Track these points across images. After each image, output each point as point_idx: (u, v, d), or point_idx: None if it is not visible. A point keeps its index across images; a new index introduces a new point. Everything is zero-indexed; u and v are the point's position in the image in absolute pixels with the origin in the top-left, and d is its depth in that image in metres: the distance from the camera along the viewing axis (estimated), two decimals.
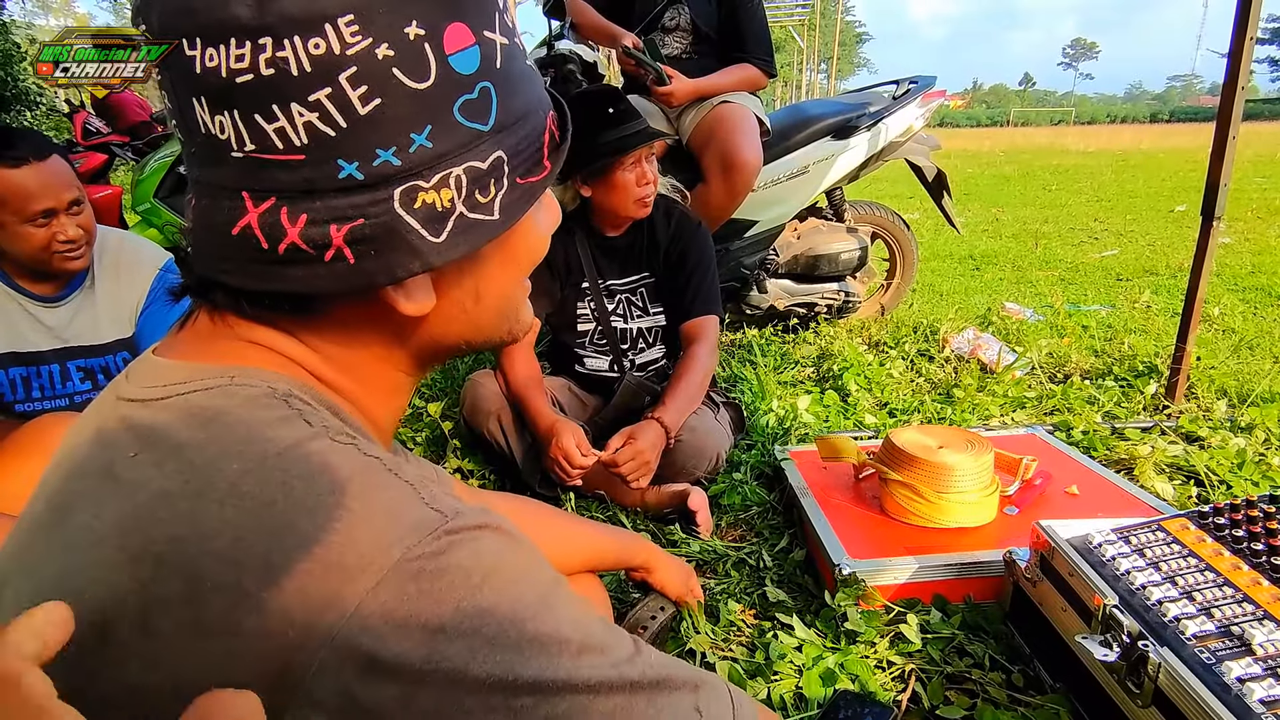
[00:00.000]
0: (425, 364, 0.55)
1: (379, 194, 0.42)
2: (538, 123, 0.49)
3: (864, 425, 2.04)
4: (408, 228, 0.43)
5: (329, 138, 0.41)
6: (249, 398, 0.42)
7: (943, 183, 2.95)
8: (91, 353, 1.53)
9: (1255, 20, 1.71)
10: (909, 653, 1.14)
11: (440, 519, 0.38)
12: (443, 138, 0.43)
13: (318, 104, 0.40)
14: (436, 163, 0.43)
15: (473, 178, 0.45)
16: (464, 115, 0.44)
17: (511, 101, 0.47)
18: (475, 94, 0.44)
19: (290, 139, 0.41)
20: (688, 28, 2.49)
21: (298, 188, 0.42)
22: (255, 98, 0.40)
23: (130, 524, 0.38)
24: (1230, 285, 3.67)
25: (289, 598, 0.35)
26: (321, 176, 0.42)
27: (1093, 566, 1.00)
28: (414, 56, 0.41)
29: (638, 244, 1.83)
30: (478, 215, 0.46)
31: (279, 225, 0.42)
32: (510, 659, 0.36)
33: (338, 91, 0.40)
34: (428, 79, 0.42)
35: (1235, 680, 0.79)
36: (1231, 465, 1.66)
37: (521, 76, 0.48)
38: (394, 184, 0.42)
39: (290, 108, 0.40)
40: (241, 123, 0.41)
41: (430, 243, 0.44)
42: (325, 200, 0.42)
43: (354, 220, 0.42)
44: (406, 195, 0.43)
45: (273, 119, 0.40)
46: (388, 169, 0.42)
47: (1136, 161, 12.41)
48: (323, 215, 0.42)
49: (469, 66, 0.43)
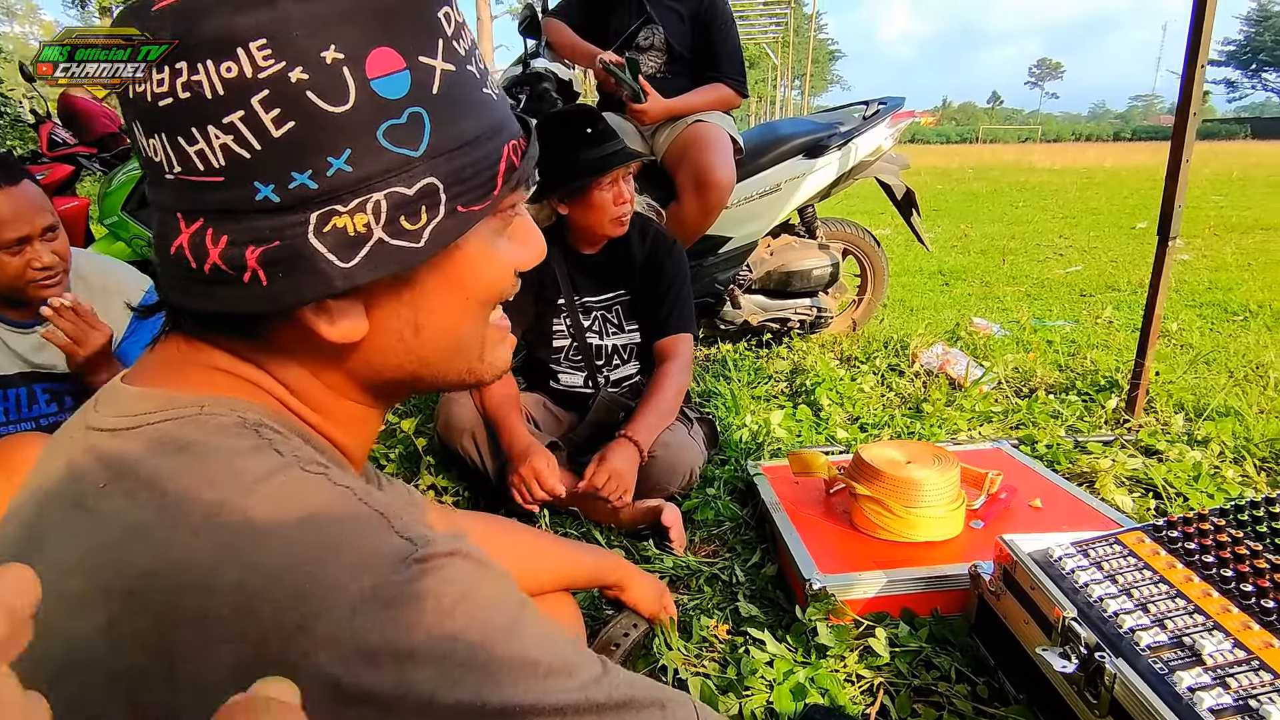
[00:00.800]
0: (379, 395, 0.54)
1: (295, 217, 0.43)
2: (489, 150, 0.48)
3: (836, 440, 2.07)
4: (314, 251, 0.43)
5: (244, 160, 0.41)
6: (220, 427, 0.43)
7: (911, 201, 3.02)
8: (60, 379, 1.50)
9: (1205, 50, 1.78)
10: (878, 666, 1.16)
11: (410, 547, 0.39)
12: (365, 162, 0.43)
13: (232, 126, 0.41)
14: (357, 187, 0.43)
15: (396, 204, 0.44)
16: (390, 140, 0.43)
17: (451, 128, 0.46)
18: (403, 119, 0.44)
19: (209, 161, 0.42)
20: (662, 47, 2.52)
21: (220, 209, 0.43)
22: (176, 121, 0.41)
23: (100, 557, 0.39)
24: (1189, 301, 3.79)
25: (261, 627, 0.35)
26: (239, 198, 0.42)
27: (1053, 580, 1.02)
28: (331, 80, 0.41)
29: (613, 261, 1.84)
30: (401, 242, 0.45)
31: (203, 246, 0.43)
32: (479, 684, 0.37)
33: (251, 114, 0.40)
34: (346, 103, 0.42)
35: (1186, 690, 0.81)
36: (1188, 478, 1.71)
37: (469, 103, 0.47)
38: (311, 207, 0.43)
39: (207, 130, 0.41)
40: (169, 145, 0.42)
41: (338, 267, 0.44)
42: (245, 222, 0.43)
43: (271, 242, 0.43)
44: (322, 219, 0.43)
45: (193, 141, 0.41)
46: (304, 192, 0.42)
47: (1100, 179, 12.74)
48: (241, 237, 0.43)
49: (396, 91, 0.43)
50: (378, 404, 0.54)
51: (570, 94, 2.50)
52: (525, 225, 0.56)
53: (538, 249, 0.56)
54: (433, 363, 0.52)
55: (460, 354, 0.53)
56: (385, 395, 0.54)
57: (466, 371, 0.54)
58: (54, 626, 0.38)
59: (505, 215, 0.52)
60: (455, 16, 0.47)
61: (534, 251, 0.56)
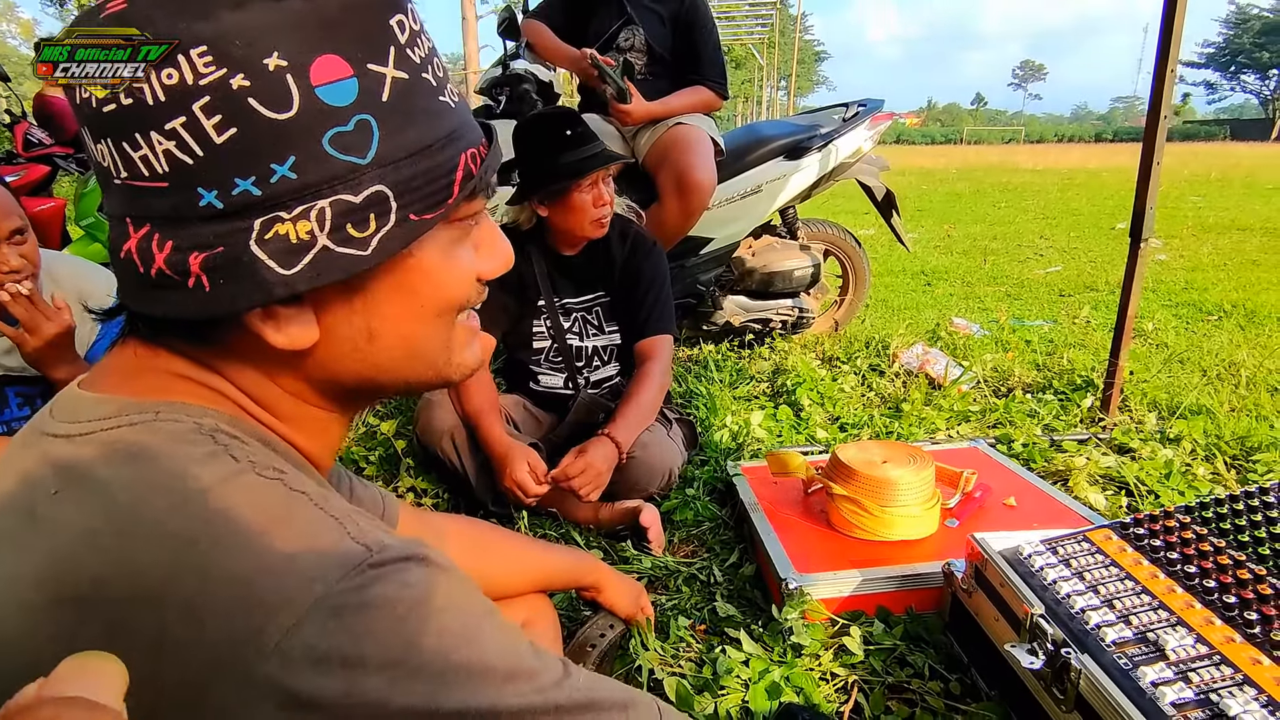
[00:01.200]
0: (341, 401, 0.54)
1: (238, 223, 0.42)
2: (445, 158, 0.47)
3: (816, 440, 2.08)
4: (254, 258, 0.43)
5: (187, 166, 0.41)
6: (174, 433, 0.43)
7: (892, 202, 3.04)
8: (32, 381, 1.48)
9: (1175, 57, 1.81)
10: (852, 664, 1.17)
11: (365, 553, 0.39)
12: (309, 169, 0.43)
13: (174, 132, 0.41)
14: (302, 194, 0.43)
15: (342, 211, 0.44)
16: (336, 148, 0.43)
17: (402, 136, 0.45)
18: (350, 126, 0.43)
19: (154, 166, 0.42)
20: (642, 49, 2.53)
21: (165, 215, 0.43)
22: (120, 126, 0.42)
23: (51, 566, 0.39)
24: (1165, 301, 3.84)
25: (211, 635, 0.35)
26: (184, 204, 0.42)
27: (1022, 577, 1.04)
28: (273, 87, 0.41)
29: (593, 263, 1.85)
30: (347, 250, 0.44)
31: (149, 251, 0.43)
32: (433, 690, 0.37)
33: (192, 120, 0.40)
34: (289, 109, 0.41)
35: (1149, 684, 0.83)
36: (1160, 476, 1.74)
37: (423, 111, 0.47)
38: (254, 214, 0.42)
39: (150, 136, 0.41)
40: (114, 151, 0.42)
41: (278, 274, 0.43)
42: (189, 228, 0.43)
43: (214, 248, 0.42)
44: (265, 225, 0.43)
45: (137, 147, 0.42)
46: (248, 198, 0.42)
47: (1081, 180, 12.89)
48: (186, 242, 0.43)
49: (343, 99, 0.43)
50: (341, 409, 0.54)
51: (550, 95, 2.50)
52: (489, 233, 0.55)
53: (503, 258, 0.55)
54: (390, 369, 0.51)
55: (420, 360, 0.52)
56: (347, 401, 0.54)
57: (433, 375, 0.54)
58: (10, 638, 0.38)
59: (464, 224, 0.51)
60: (410, 24, 0.47)
61: (499, 261, 0.55)
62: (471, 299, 0.54)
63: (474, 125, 0.52)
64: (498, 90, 2.49)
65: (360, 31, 0.44)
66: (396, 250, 0.46)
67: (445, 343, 0.53)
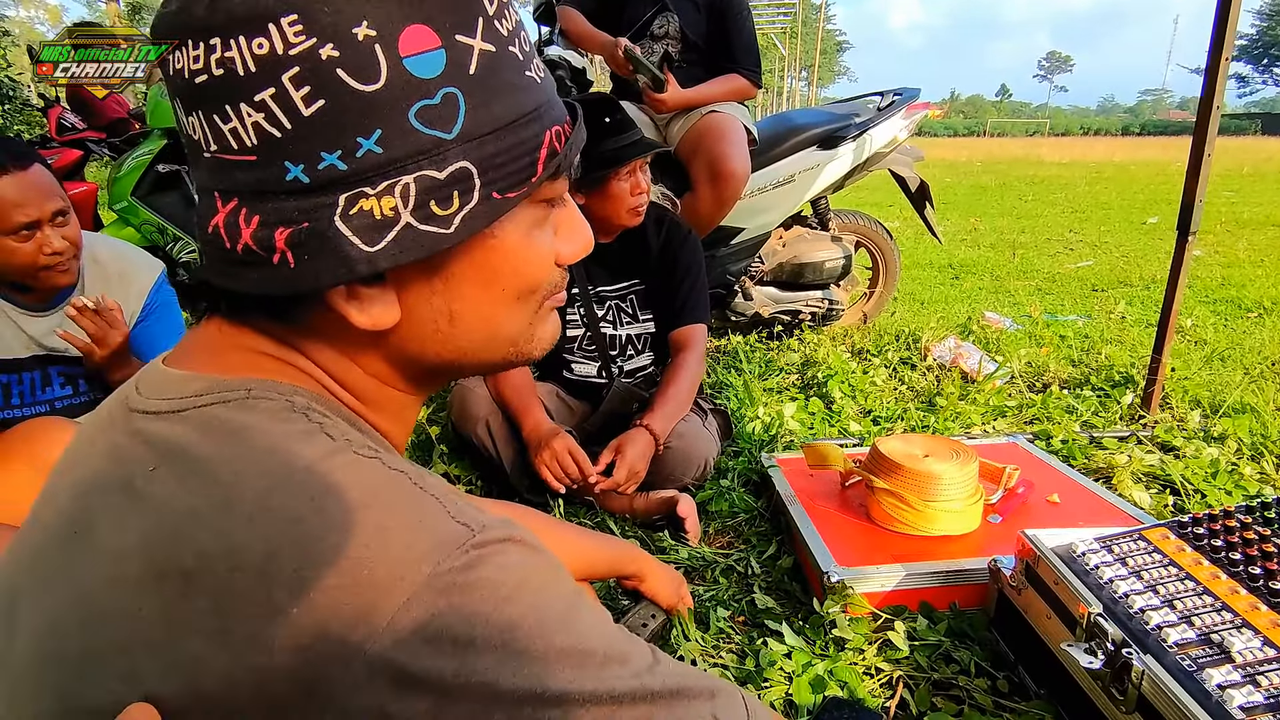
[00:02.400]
0: (420, 382, 0.53)
1: (324, 198, 0.41)
2: (529, 135, 0.46)
3: (849, 433, 2.06)
4: (339, 234, 0.42)
5: (275, 139, 0.40)
6: (269, 411, 0.42)
7: (925, 193, 3.00)
8: (74, 362, 1.50)
9: (1231, 41, 1.76)
10: (896, 659, 1.15)
11: (468, 533, 0.38)
12: (395, 143, 0.41)
13: (263, 104, 0.40)
14: (386, 169, 0.42)
15: (426, 187, 0.42)
16: (421, 121, 0.42)
17: (488, 110, 0.44)
18: (437, 99, 0.42)
19: (243, 139, 0.41)
20: (676, 36, 2.50)
21: (253, 189, 0.42)
22: (211, 98, 0.41)
23: (155, 541, 0.38)
24: (1201, 297, 3.76)
25: (320, 613, 0.35)
26: (271, 178, 0.41)
27: (1077, 575, 1.02)
28: (362, 58, 0.40)
29: (629, 251, 1.83)
30: (430, 227, 0.43)
31: (236, 226, 0.43)
32: (539, 671, 0.37)
33: (281, 92, 0.40)
34: (377, 81, 0.40)
35: (1216, 687, 0.81)
36: (1206, 474, 1.70)
37: (509, 85, 0.45)
38: (339, 189, 0.41)
39: (240, 108, 0.40)
40: (205, 124, 0.42)
41: (361, 251, 0.42)
42: (276, 202, 0.42)
43: (299, 224, 0.42)
44: (350, 201, 0.42)
45: (227, 119, 0.41)
46: (333, 173, 0.41)
47: (1110, 174, 12.67)
48: (272, 217, 0.42)
49: (430, 70, 0.42)
50: (419, 391, 0.53)
51: (584, 82, 2.49)
52: (571, 216, 0.53)
53: (584, 241, 0.54)
54: (470, 351, 0.51)
55: (501, 342, 0.52)
56: (426, 382, 0.53)
57: (514, 354, 0.53)
58: (113, 610, 0.38)
59: (546, 204, 0.50)
60: None
61: (580, 244, 0.53)
62: (553, 283, 0.52)
63: (558, 102, 0.51)
64: None
65: (449, 1, 0.42)
66: (479, 229, 0.45)
67: (527, 325, 0.52)
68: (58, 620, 0.40)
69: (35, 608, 0.41)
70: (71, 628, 0.39)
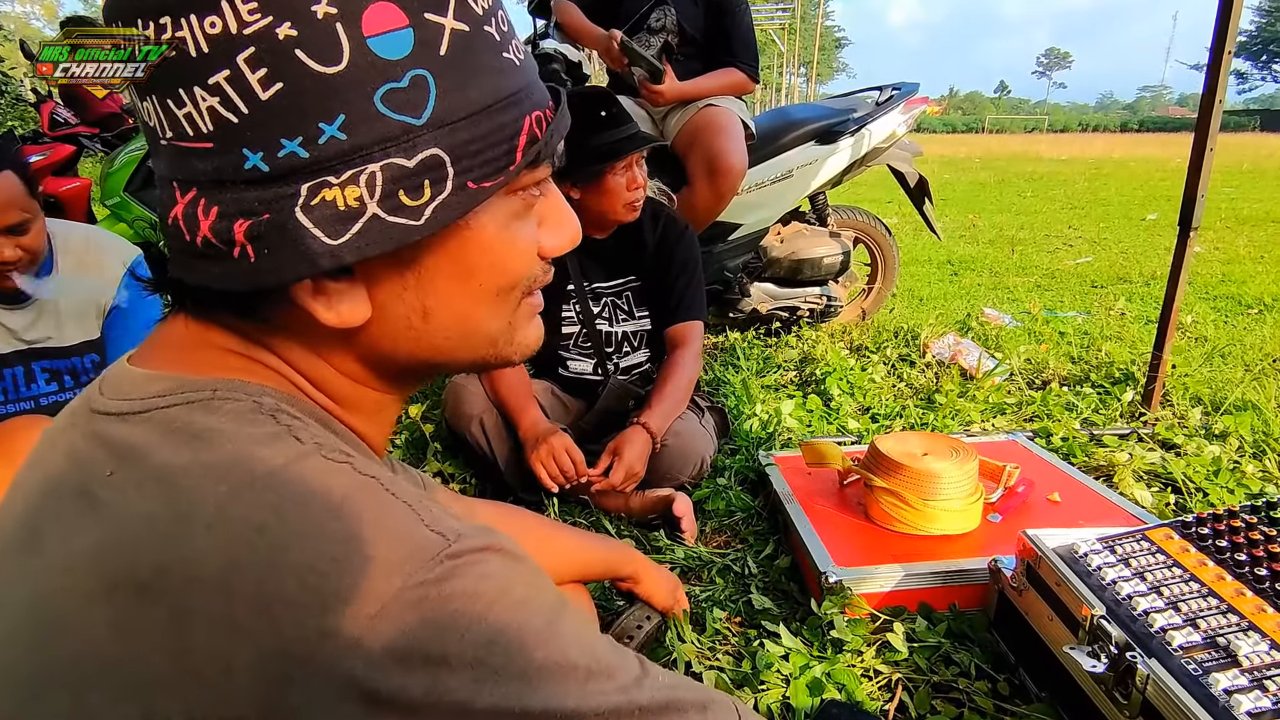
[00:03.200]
0: (397, 382, 0.50)
1: (284, 188, 0.39)
2: (507, 120, 0.43)
3: (847, 430, 2.04)
4: (299, 226, 0.39)
5: (232, 125, 0.38)
6: (234, 413, 0.40)
7: (924, 189, 2.98)
8: (57, 355, 1.47)
9: (1234, 35, 1.74)
10: (895, 661, 1.14)
11: (443, 543, 0.36)
12: (359, 129, 0.39)
13: (218, 88, 0.37)
14: (351, 156, 0.39)
15: (394, 176, 0.40)
16: (388, 106, 0.39)
17: (461, 94, 0.41)
18: (404, 82, 0.39)
19: (198, 126, 0.39)
20: (674, 29, 2.47)
21: (211, 178, 0.40)
22: (163, 81, 0.38)
23: (109, 550, 0.36)
24: (1201, 294, 3.75)
25: (284, 630, 0.33)
26: (229, 167, 0.39)
27: (1079, 576, 1.00)
28: (322, 37, 0.37)
29: (624, 247, 1.81)
30: (398, 219, 0.41)
31: (194, 217, 0.40)
32: (518, 689, 0.35)
33: (236, 74, 0.37)
34: (339, 63, 0.38)
35: (1222, 692, 0.79)
36: (1208, 473, 1.68)
37: (485, 68, 0.43)
38: (301, 178, 0.39)
39: (194, 92, 0.38)
40: (159, 109, 0.39)
41: (324, 244, 0.40)
42: (235, 193, 0.39)
43: (259, 215, 0.39)
44: (312, 191, 0.39)
45: (180, 104, 0.38)
46: (294, 161, 0.39)
47: (1108, 170, 12.65)
48: (231, 208, 0.39)
49: (396, 51, 0.39)
50: (396, 390, 0.51)
51: (579, 76, 2.46)
52: (555, 206, 0.51)
53: (570, 232, 0.51)
54: (446, 350, 0.48)
55: (478, 340, 0.49)
56: (403, 381, 0.51)
57: (492, 355, 0.50)
58: (64, 624, 0.36)
59: (526, 194, 0.47)
60: None
61: (565, 236, 0.51)
62: (535, 277, 0.50)
63: (540, 86, 0.48)
64: None
65: None
66: (452, 220, 0.42)
67: (506, 324, 0.50)
68: (9, 635, 0.38)
69: None
70: (23, 642, 0.37)
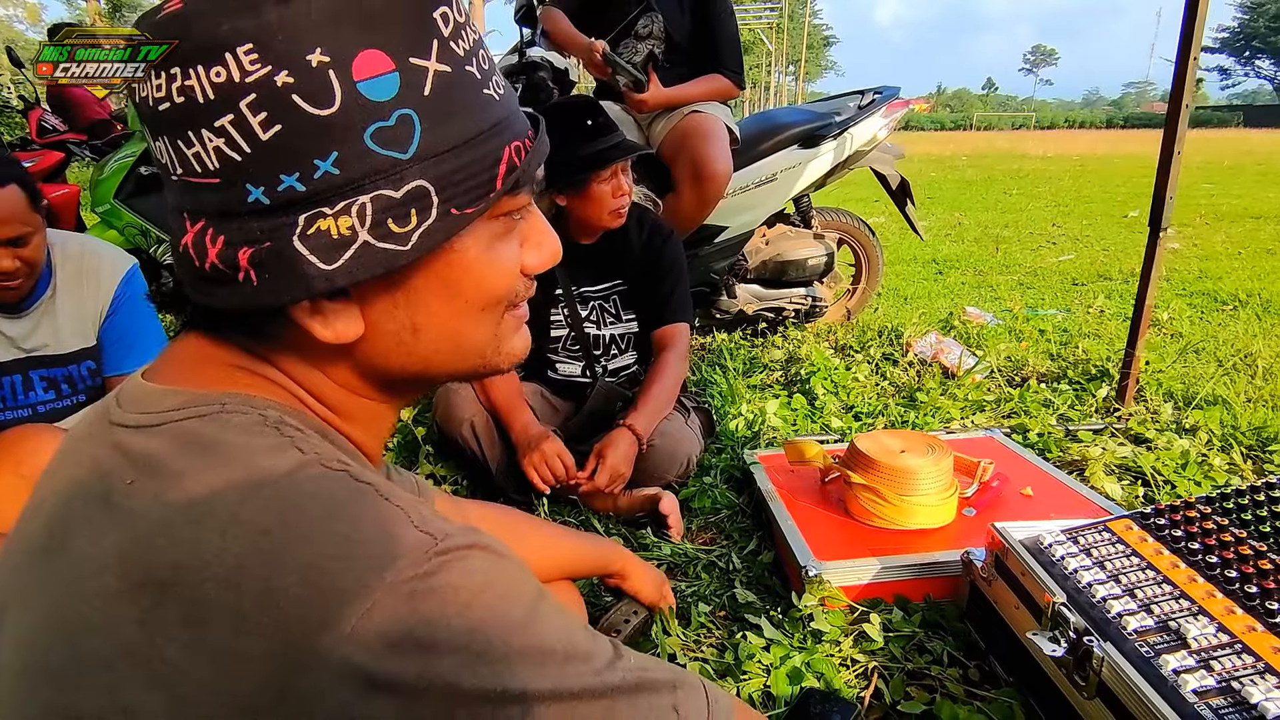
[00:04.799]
0: (392, 392, 0.55)
1: (284, 219, 0.44)
2: (487, 151, 0.48)
3: (830, 429, 2.09)
4: (296, 253, 0.44)
5: (236, 162, 0.43)
6: (242, 425, 0.44)
7: (906, 190, 3.03)
8: (55, 363, 1.50)
9: (1198, 43, 1.79)
10: (872, 650, 1.18)
11: (431, 541, 0.40)
12: (351, 165, 0.43)
13: (223, 130, 0.42)
14: (344, 189, 0.44)
15: (383, 207, 0.44)
16: (377, 143, 0.44)
17: (444, 130, 0.46)
18: (391, 121, 0.44)
19: (205, 163, 0.43)
20: (660, 36, 2.52)
21: (218, 210, 0.44)
22: (174, 124, 0.43)
23: (131, 552, 0.40)
24: (1179, 290, 3.82)
25: (287, 621, 0.37)
26: (234, 200, 0.44)
27: (1043, 566, 1.05)
28: (316, 83, 0.42)
29: (611, 251, 1.85)
30: (387, 245, 0.45)
31: (203, 245, 0.45)
32: (499, 671, 0.39)
33: (240, 118, 0.42)
34: (332, 105, 0.42)
35: (1171, 672, 0.84)
36: (1176, 466, 1.74)
37: (466, 104, 0.47)
38: (298, 210, 0.43)
39: (202, 134, 0.42)
40: (170, 148, 0.44)
41: (319, 269, 0.44)
42: (239, 223, 0.44)
43: (261, 243, 0.44)
44: (309, 221, 0.44)
45: (190, 144, 0.43)
46: (292, 194, 0.43)
47: (1093, 167, 12.78)
48: (236, 237, 0.44)
49: (384, 93, 0.43)
50: (392, 400, 0.55)
51: (566, 83, 2.50)
52: (537, 227, 0.55)
53: (550, 251, 0.56)
54: (437, 363, 0.52)
55: (467, 353, 0.53)
56: (397, 392, 0.55)
57: (481, 365, 0.55)
58: (93, 621, 0.40)
59: (508, 218, 0.52)
60: (455, 16, 0.47)
61: (545, 254, 0.55)
62: (518, 292, 0.54)
63: (520, 117, 0.52)
64: (513, 78, 2.48)
65: (402, 25, 0.44)
66: (437, 244, 0.47)
67: (492, 336, 0.54)
68: (41, 631, 0.42)
69: (20, 619, 0.43)
70: (54, 639, 0.41)
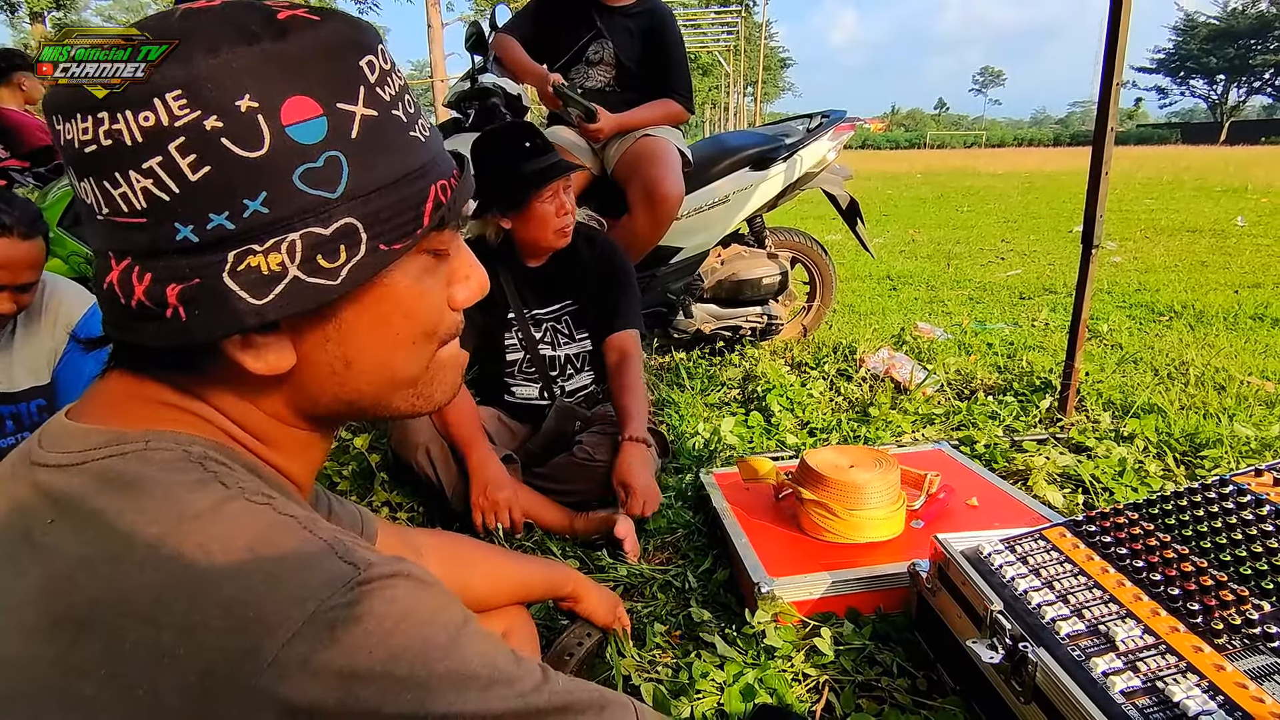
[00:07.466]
0: (321, 422, 0.55)
1: (213, 256, 0.44)
2: (415, 190, 0.49)
3: (786, 445, 2.12)
4: (227, 289, 0.45)
5: (164, 202, 0.44)
6: (164, 462, 0.45)
7: (856, 210, 3.11)
8: (5, 400, 1.47)
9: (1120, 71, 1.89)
10: (823, 664, 1.20)
11: (354, 571, 0.41)
12: (280, 204, 0.45)
13: (151, 171, 0.43)
14: (273, 227, 0.45)
15: (312, 244, 0.46)
16: (305, 183, 0.45)
17: (372, 171, 0.47)
18: (320, 163, 0.45)
19: (132, 203, 0.44)
20: (611, 62, 2.56)
21: (145, 248, 0.45)
22: (101, 166, 0.44)
23: (51, 590, 0.40)
24: (1119, 302, 3.97)
25: (207, 654, 0.37)
26: (162, 238, 0.44)
27: (982, 575, 1.08)
28: (245, 127, 0.43)
29: (560, 273, 1.87)
30: (317, 280, 0.46)
31: (129, 283, 0.46)
32: (421, 697, 0.39)
33: (168, 160, 0.43)
34: (260, 148, 0.44)
35: (1100, 674, 0.87)
36: (1114, 473, 1.81)
37: (393, 145, 0.49)
38: (228, 247, 0.44)
39: (129, 174, 0.43)
40: (96, 189, 0.45)
41: (250, 304, 0.45)
42: (167, 260, 0.45)
43: (190, 280, 0.44)
44: (238, 258, 0.45)
45: (116, 185, 0.44)
46: (222, 232, 0.44)
47: (1040, 184, 13.22)
48: (163, 274, 0.45)
49: (312, 137, 0.45)
50: (323, 430, 0.56)
51: (519, 109, 2.52)
52: (464, 262, 0.57)
53: (477, 286, 0.57)
54: (369, 395, 0.54)
55: (399, 386, 0.55)
56: (329, 423, 0.56)
57: (413, 400, 0.56)
58: (10, 659, 0.39)
59: (436, 253, 0.54)
60: (380, 64, 0.49)
61: (472, 289, 0.57)
62: (446, 327, 0.56)
63: (446, 157, 0.54)
64: (466, 104, 2.50)
65: (329, 73, 0.46)
66: (365, 279, 0.48)
67: (423, 370, 0.55)
68: None
69: None
70: None
